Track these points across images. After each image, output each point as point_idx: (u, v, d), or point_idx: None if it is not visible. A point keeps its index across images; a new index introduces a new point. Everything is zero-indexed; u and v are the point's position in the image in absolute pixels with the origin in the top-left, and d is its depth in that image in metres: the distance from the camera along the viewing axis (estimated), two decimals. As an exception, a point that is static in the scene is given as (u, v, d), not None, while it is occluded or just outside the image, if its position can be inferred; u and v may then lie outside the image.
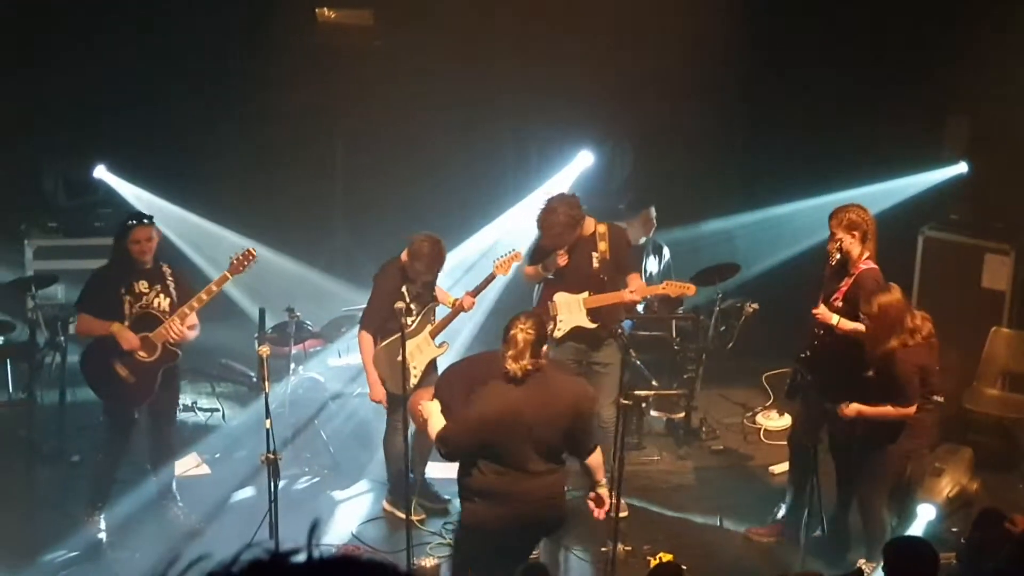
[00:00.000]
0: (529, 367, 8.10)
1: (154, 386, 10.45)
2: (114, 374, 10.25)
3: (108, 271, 10.45)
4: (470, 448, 8.25)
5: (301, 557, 1.68)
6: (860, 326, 9.67)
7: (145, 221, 10.40)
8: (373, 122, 15.47)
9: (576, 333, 10.79)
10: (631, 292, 10.65)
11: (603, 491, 8.68)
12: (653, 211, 12.91)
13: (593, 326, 10.70)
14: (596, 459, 8.52)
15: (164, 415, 10.80)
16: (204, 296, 10.22)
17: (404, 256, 10.55)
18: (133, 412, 10.60)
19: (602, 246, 10.71)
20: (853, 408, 9.42)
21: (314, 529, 1.73)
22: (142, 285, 10.28)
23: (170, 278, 10.46)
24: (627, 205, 13.06)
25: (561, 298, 10.82)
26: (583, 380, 8.57)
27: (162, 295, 10.36)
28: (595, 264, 10.71)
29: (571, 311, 10.77)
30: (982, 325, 12.97)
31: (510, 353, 8.12)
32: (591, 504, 8.73)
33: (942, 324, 13.50)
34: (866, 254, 9.89)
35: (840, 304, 9.85)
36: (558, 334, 10.81)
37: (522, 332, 8.14)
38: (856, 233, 9.85)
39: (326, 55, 14.88)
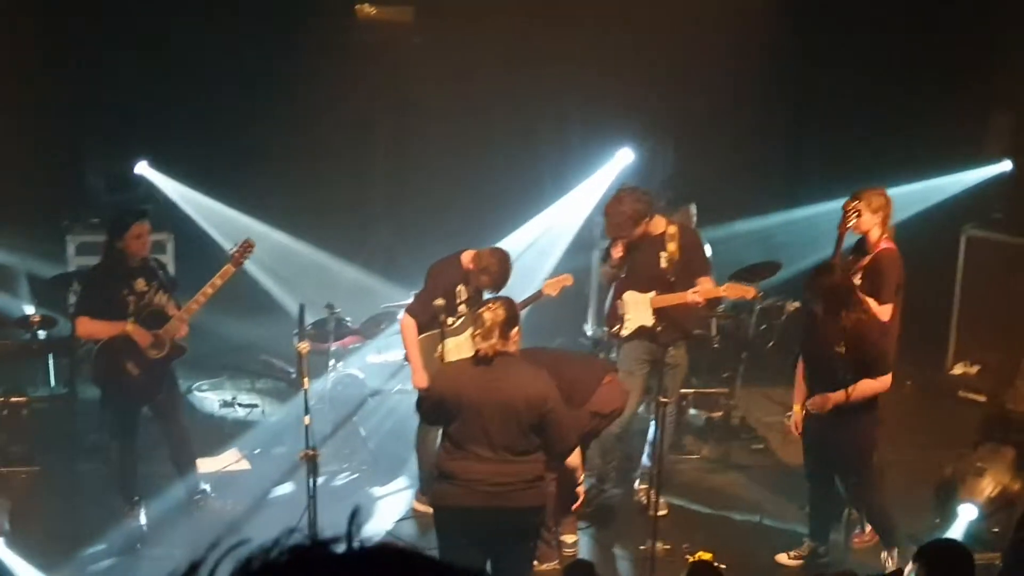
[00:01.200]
0: (498, 347, 8.17)
1: (163, 382, 10.54)
2: (125, 373, 10.29)
3: (105, 272, 10.49)
4: (431, 415, 8.59)
5: (342, 545, 1.68)
6: (877, 305, 9.91)
7: (143, 216, 10.49)
8: (413, 119, 15.49)
9: (645, 332, 10.75)
10: (694, 292, 10.55)
11: (579, 488, 9.06)
12: (693, 208, 12.88)
13: (652, 323, 10.65)
14: (572, 462, 8.66)
15: (170, 414, 10.85)
16: (209, 290, 10.26)
17: (468, 262, 10.51)
18: (139, 409, 10.68)
19: (671, 247, 10.63)
20: (825, 401, 9.48)
21: (355, 516, 1.72)
22: (140, 283, 10.32)
23: (159, 270, 10.59)
24: (667, 202, 13.03)
25: (629, 297, 10.78)
26: (547, 379, 8.38)
27: (160, 291, 10.42)
28: (663, 264, 10.62)
29: (638, 310, 10.73)
30: (1025, 324, 12.92)
31: (478, 332, 8.24)
32: None
33: (985, 323, 13.51)
34: (885, 235, 9.99)
35: (859, 281, 9.93)
36: (624, 332, 10.80)
37: (489, 312, 8.25)
38: (880, 214, 10.00)
39: (366, 52, 14.90)
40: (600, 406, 9.76)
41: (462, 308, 10.52)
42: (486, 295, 10.41)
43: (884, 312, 10.01)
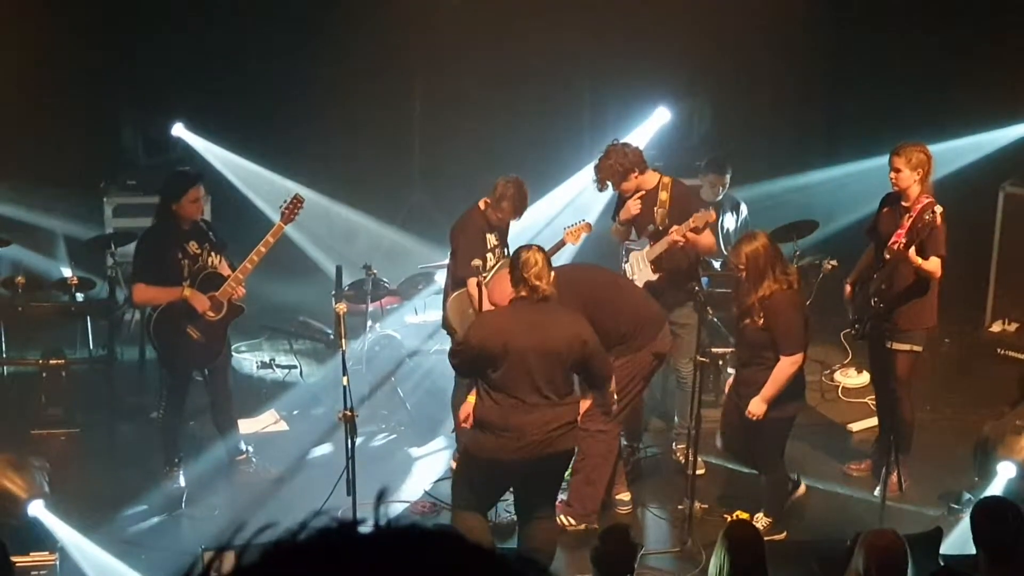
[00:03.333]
0: (551, 288, 8.46)
1: (223, 343, 10.61)
2: (186, 337, 10.34)
3: (158, 236, 10.51)
4: (470, 368, 8.72)
5: (369, 526, 1.68)
6: (934, 261, 9.94)
7: (199, 179, 10.54)
8: (450, 82, 15.45)
9: (652, 288, 10.73)
10: (672, 232, 10.53)
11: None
12: (728, 177, 12.82)
13: (655, 277, 10.65)
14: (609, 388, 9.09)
15: (219, 375, 10.93)
16: (263, 249, 10.31)
17: (482, 204, 10.62)
18: (194, 371, 10.76)
19: (663, 195, 10.67)
20: (759, 404, 9.64)
21: (382, 497, 1.72)
22: (193, 246, 10.36)
23: (210, 231, 10.59)
24: (707, 163, 13.00)
25: (632, 257, 10.84)
26: (584, 321, 8.74)
27: (213, 253, 10.45)
28: (656, 217, 10.67)
29: (639, 267, 10.76)
30: (1065, 282, 12.83)
31: (533, 271, 8.42)
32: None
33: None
34: (924, 191, 10.03)
35: (904, 242, 9.89)
36: None
37: (534, 254, 8.51)
38: (920, 171, 10.03)
39: (404, 14, 14.84)
40: (660, 347, 9.94)
41: (490, 258, 10.54)
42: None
43: (936, 267, 9.97)
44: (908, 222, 9.88)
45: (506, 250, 10.71)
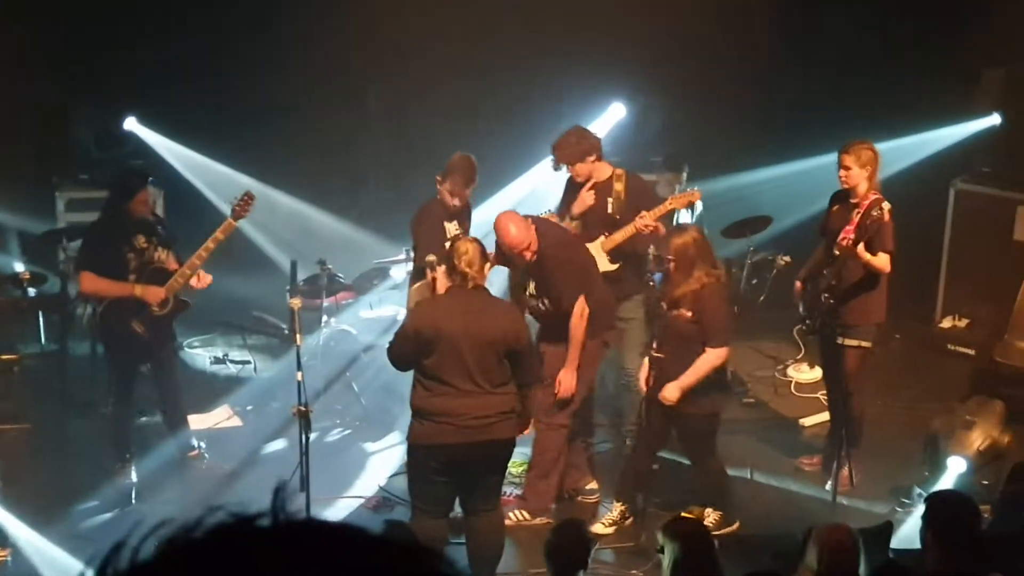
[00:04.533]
0: (481, 278, 8.53)
1: (168, 338, 10.64)
2: (132, 332, 10.32)
3: (106, 229, 10.52)
4: (405, 357, 8.65)
5: (267, 521, 1.66)
6: (881, 257, 10.00)
7: (148, 180, 10.59)
8: (406, 79, 15.46)
9: (610, 278, 10.73)
10: (639, 218, 10.56)
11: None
12: (684, 175, 12.93)
13: (615, 267, 10.64)
14: (533, 394, 9.08)
15: (165, 370, 10.92)
16: (211, 245, 10.29)
17: (439, 192, 10.66)
18: (139, 366, 10.74)
19: (618, 186, 10.68)
20: (674, 389, 9.60)
21: (279, 492, 1.71)
22: (140, 240, 10.35)
23: (158, 226, 10.62)
24: (665, 160, 13.05)
25: None
26: (519, 316, 8.91)
27: (160, 247, 10.43)
28: (610, 209, 10.68)
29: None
30: (1014, 278, 12.89)
31: (464, 259, 8.45)
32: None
33: (973, 277, 13.52)
34: (872, 188, 10.11)
35: (852, 239, 9.98)
36: None
37: (467, 243, 8.62)
38: (868, 168, 10.13)
39: (363, 9, 14.84)
40: (612, 336, 10.10)
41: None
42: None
43: (885, 263, 10.02)
44: (857, 219, 9.96)
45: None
